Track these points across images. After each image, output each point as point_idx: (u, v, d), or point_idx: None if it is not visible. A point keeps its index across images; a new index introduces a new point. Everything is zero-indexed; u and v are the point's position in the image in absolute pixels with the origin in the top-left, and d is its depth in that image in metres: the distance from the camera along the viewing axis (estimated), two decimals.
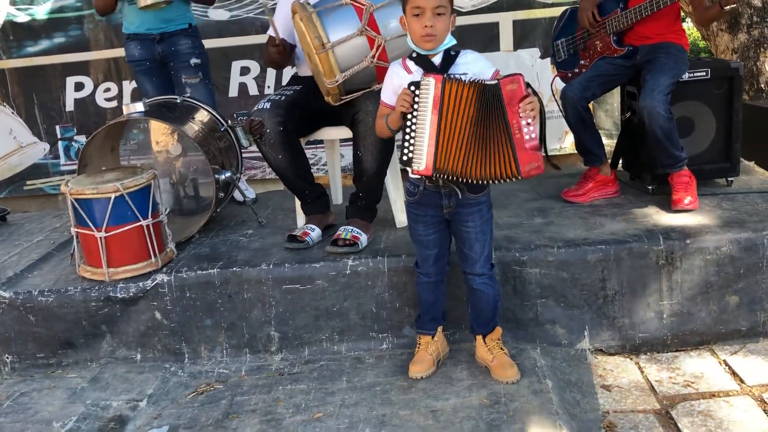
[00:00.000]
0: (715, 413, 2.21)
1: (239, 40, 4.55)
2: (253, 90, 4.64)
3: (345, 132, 2.87)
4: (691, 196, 2.87)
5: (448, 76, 2.09)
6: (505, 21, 4.43)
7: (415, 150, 2.11)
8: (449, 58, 2.17)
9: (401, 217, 2.93)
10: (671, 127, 2.82)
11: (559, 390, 2.27)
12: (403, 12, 2.18)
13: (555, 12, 4.09)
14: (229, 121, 3.27)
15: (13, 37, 4.69)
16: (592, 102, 3.17)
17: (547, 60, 4.42)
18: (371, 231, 2.85)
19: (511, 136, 2.08)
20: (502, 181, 2.13)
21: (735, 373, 2.43)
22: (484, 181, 2.14)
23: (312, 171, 2.99)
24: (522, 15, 4.42)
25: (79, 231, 2.74)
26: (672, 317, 2.61)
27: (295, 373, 2.56)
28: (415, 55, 2.20)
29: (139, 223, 2.70)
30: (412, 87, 2.11)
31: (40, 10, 4.63)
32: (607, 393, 2.37)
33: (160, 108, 3.16)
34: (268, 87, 4.60)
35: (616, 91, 3.41)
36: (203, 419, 2.31)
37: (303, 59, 2.91)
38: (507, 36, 4.45)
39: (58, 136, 4.78)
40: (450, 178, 2.15)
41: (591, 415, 2.23)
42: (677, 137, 2.87)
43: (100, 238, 2.66)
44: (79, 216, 2.69)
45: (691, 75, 3.04)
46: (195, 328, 2.71)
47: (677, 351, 2.62)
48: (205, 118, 3.21)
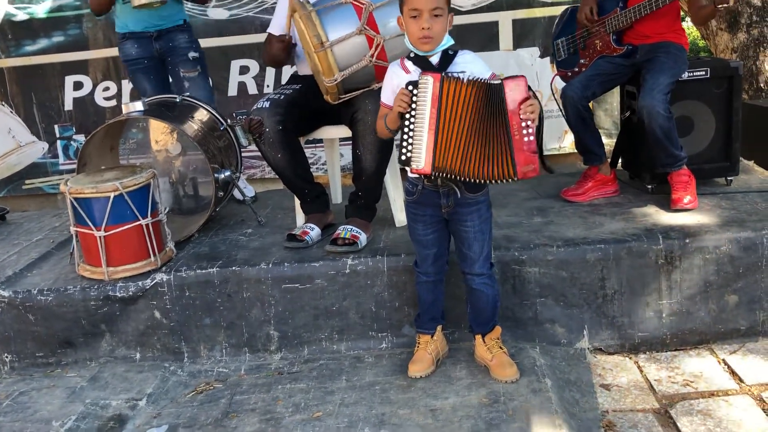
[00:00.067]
0: (714, 412, 2.21)
1: (238, 39, 4.53)
2: (253, 89, 4.63)
3: (344, 131, 2.87)
4: (690, 196, 2.87)
5: (447, 75, 2.09)
6: (504, 20, 4.42)
7: (414, 149, 2.11)
8: (447, 58, 2.18)
9: (400, 217, 2.93)
10: (671, 126, 2.82)
11: (558, 389, 2.27)
12: (401, 13, 2.17)
13: (554, 11, 4.10)
14: (229, 120, 3.27)
15: (11, 35, 4.67)
16: (592, 101, 3.17)
17: (547, 59, 4.42)
18: (370, 230, 2.85)
19: (510, 136, 2.08)
20: (498, 182, 2.13)
21: (734, 373, 2.43)
22: (481, 181, 2.14)
23: (311, 170, 2.99)
24: (521, 14, 4.41)
25: (78, 230, 2.74)
26: (671, 316, 2.61)
27: (294, 372, 2.56)
28: (413, 56, 2.20)
29: (138, 222, 2.70)
30: (410, 87, 2.11)
31: (39, 9, 4.61)
32: (607, 392, 2.37)
33: (160, 107, 3.16)
34: (268, 86, 4.59)
35: (616, 90, 3.42)
36: (202, 418, 2.31)
37: (303, 58, 2.91)
38: (506, 35, 4.45)
39: (57, 136, 4.77)
40: (448, 177, 2.15)
41: (590, 414, 2.23)
42: (677, 136, 2.87)
43: (100, 237, 2.66)
44: (79, 215, 2.69)
45: (691, 74, 3.04)
46: (194, 327, 2.71)
47: (676, 350, 2.62)
48: (204, 117, 3.21)
